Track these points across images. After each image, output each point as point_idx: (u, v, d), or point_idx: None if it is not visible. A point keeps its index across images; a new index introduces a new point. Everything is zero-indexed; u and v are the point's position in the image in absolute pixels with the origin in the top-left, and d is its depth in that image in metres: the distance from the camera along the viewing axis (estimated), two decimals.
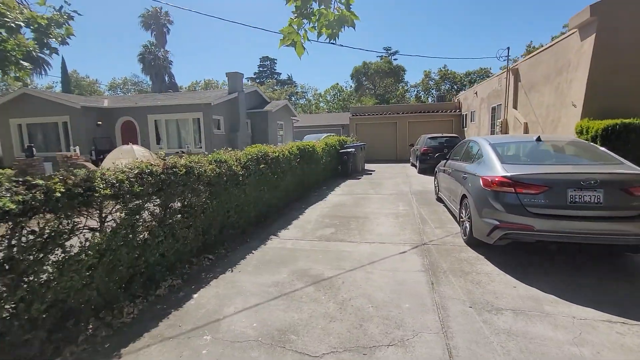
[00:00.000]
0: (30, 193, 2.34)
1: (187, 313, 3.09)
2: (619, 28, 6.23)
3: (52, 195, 2.45)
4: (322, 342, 2.57)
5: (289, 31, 2.71)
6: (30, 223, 2.41)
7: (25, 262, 2.29)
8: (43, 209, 2.42)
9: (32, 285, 2.33)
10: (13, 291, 2.20)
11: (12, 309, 2.23)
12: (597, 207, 3.42)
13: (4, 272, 2.16)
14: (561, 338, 2.53)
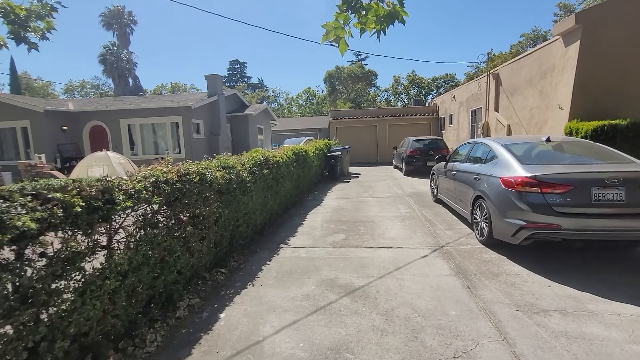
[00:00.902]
0: (47, 209, 1.97)
1: (219, 336, 2.78)
2: (602, 35, 6.66)
3: (71, 211, 2.08)
4: (383, 359, 2.39)
5: (335, 26, 2.54)
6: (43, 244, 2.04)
7: (44, 291, 1.91)
8: (62, 226, 2.05)
9: (52, 318, 1.95)
10: (35, 328, 1.82)
11: (31, 350, 1.84)
12: (620, 205, 3.54)
13: (25, 306, 1.77)
14: (617, 337, 2.53)
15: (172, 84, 56.88)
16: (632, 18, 6.60)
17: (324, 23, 2.56)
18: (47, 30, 4.74)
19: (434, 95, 47.89)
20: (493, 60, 34.11)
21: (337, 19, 2.52)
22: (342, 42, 2.60)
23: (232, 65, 62.13)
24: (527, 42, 36.60)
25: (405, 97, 51.57)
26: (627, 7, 6.72)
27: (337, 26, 2.53)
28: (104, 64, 40.47)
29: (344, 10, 2.47)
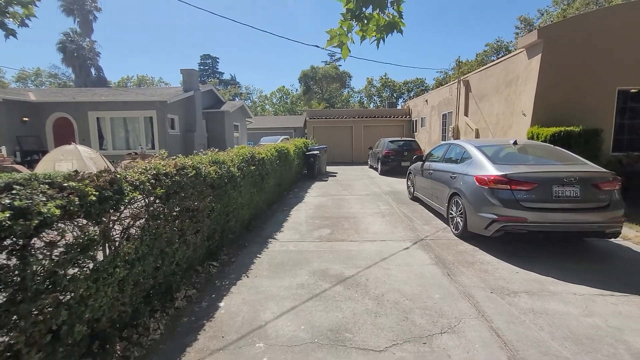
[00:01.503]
0: (65, 197, 2.02)
1: (223, 323, 2.90)
2: (560, 50, 7.39)
3: (86, 199, 2.14)
4: (379, 337, 2.64)
5: (339, 32, 2.75)
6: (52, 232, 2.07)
7: (65, 277, 1.96)
8: (78, 214, 2.10)
9: (71, 303, 2.00)
10: (57, 312, 1.87)
11: (55, 333, 1.89)
12: (575, 200, 4.05)
13: (48, 291, 1.82)
14: (574, 312, 2.96)
15: (138, 76, 54.35)
16: (584, 36, 7.39)
17: (329, 29, 2.77)
18: (27, 17, 4.56)
19: (405, 98, 49.52)
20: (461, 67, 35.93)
21: (342, 26, 2.73)
22: (345, 47, 2.82)
23: (203, 59, 60.51)
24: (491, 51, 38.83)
25: (378, 99, 52.92)
26: (581, 27, 7.51)
27: (341, 33, 2.74)
28: (63, 52, 37.91)
29: (348, 19, 2.69)
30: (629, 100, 7.60)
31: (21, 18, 4.48)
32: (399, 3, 2.67)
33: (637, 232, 5.31)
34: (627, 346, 2.48)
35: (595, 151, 6.69)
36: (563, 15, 29.95)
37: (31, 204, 1.76)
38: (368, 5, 2.57)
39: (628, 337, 2.59)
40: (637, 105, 7.60)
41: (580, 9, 29.16)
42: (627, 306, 3.04)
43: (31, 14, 4.54)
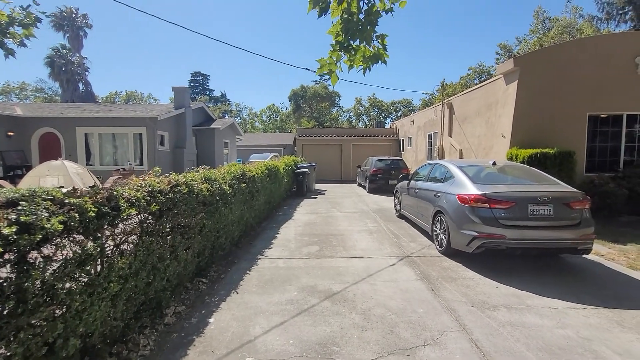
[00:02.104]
0: (66, 213, 2.11)
1: (213, 338, 2.95)
2: (534, 78, 7.93)
3: (85, 215, 2.23)
4: (365, 350, 2.74)
5: (329, 62, 2.99)
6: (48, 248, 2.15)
7: (62, 290, 2.02)
8: (78, 230, 2.18)
9: (67, 317, 2.06)
10: (54, 324, 1.93)
11: (50, 346, 1.93)
12: (550, 219, 4.31)
13: (46, 304, 1.89)
14: (548, 324, 3.14)
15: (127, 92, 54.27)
16: (557, 65, 7.97)
17: (320, 58, 3.01)
18: (26, 37, 4.70)
19: (393, 117, 50.86)
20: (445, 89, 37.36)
21: (331, 56, 2.97)
22: (334, 75, 3.06)
23: (194, 77, 60.95)
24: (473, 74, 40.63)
25: (367, 118, 54.16)
26: (554, 57, 8.10)
27: (330, 62, 2.98)
28: (51, 67, 37.70)
29: (337, 50, 2.93)
30: (598, 125, 8.13)
31: (21, 38, 4.61)
32: (383, 37, 2.94)
33: (609, 249, 5.61)
34: (595, 355, 2.65)
35: (570, 172, 7.09)
36: (540, 44, 31.82)
37: (35, 219, 1.85)
38: (355, 39, 2.82)
39: (596, 346, 2.77)
40: (606, 130, 8.13)
41: (555, 37, 31.08)
42: (597, 318, 3.24)
43: (30, 35, 4.69)
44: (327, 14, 2.65)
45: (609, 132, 8.12)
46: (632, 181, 7.26)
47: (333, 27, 2.77)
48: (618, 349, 2.74)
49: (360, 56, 2.98)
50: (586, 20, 27.73)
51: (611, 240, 6.01)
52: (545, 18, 35.42)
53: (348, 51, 2.93)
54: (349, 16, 2.60)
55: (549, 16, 35.15)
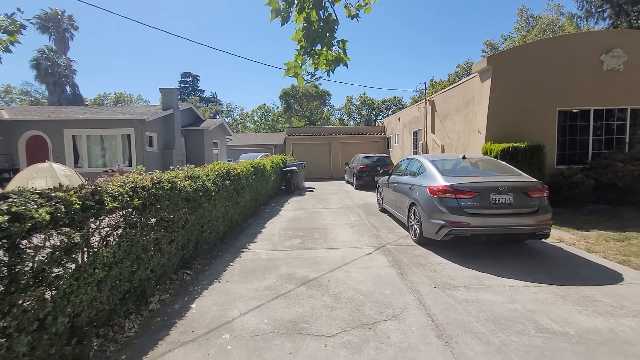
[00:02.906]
0: (53, 205, 2.35)
1: (193, 320, 3.21)
2: (506, 76, 8.30)
3: (71, 208, 2.47)
4: (332, 326, 3.03)
5: (294, 65, 3.26)
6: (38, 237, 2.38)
7: (51, 274, 2.26)
8: (64, 220, 2.42)
9: (55, 298, 2.30)
10: (44, 303, 2.17)
11: (41, 322, 2.18)
12: (510, 207, 4.65)
13: (36, 285, 2.13)
14: (500, 300, 3.47)
15: (116, 93, 53.81)
16: (528, 63, 8.35)
17: (286, 62, 3.28)
18: (11, 43, 4.88)
19: (384, 115, 51.34)
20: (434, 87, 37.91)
21: (297, 60, 3.25)
22: (300, 77, 3.34)
23: (184, 77, 60.57)
24: (461, 72, 41.30)
25: (358, 116, 54.59)
26: (524, 55, 8.50)
27: (296, 65, 3.26)
28: (37, 69, 37.27)
29: (302, 54, 3.21)
30: (568, 120, 8.55)
31: (6, 44, 4.79)
32: (344, 42, 3.23)
33: (572, 235, 5.99)
34: (535, 324, 2.98)
35: (539, 164, 7.47)
36: (523, 41, 32.52)
37: (25, 209, 2.09)
38: (317, 44, 3.10)
39: (538, 317, 3.10)
40: (575, 124, 8.55)
41: (538, 35, 31.83)
42: (544, 294, 3.58)
43: (15, 41, 4.86)
44: (289, 23, 2.92)
45: (577, 126, 8.55)
46: (598, 172, 7.68)
47: (296, 33, 3.04)
48: (557, 319, 3.07)
49: (323, 59, 3.26)
50: (567, 18, 28.44)
51: (576, 227, 6.40)
52: (529, 16, 36.22)
53: (312, 55, 3.20)
54: (309, 24, 2.87)
55: (532, 14, 35.97)
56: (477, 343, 2.70)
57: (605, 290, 3.66)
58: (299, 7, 2.83)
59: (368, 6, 3.38)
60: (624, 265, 4.46)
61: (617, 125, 8.62)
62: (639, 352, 2.57)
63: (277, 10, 2.78)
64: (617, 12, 24.10)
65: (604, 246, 5.23)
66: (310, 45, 3.10)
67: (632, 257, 4.68)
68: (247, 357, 2.60)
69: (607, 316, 3.11)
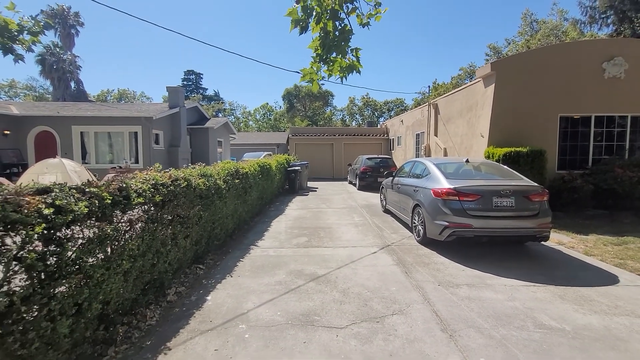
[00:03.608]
0: (88, 199, 2.53)
1: (210, 311, 3.39)
2: (511, 80, 8.47)
3: (103, 202, 2.66)
4: (342, 318, 3.21)
5: (310, 71, 3.45)
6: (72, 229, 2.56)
7: (87, 263, 2.44)
8: (97, 214, 2.60)
9: (90, 285, 2.48)
10: (82, 289, 2.35)
11: (79, 307, 2.36)
12: (511, 209, 4.83)
13: (75, 272, 2.31)
14: (501, 298, 3.64)
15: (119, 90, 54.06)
16: (531, 69, 8.52)
17: (303, 68, 3.47)
18: (33, 42, 5.07)
19: (386, 117, 51.52)
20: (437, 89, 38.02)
21: (312, 67, 3.43)
22: (315, 83, 3.52)
23: (187, 75, 60.76)
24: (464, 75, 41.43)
25: (360, 117, 54.77)
26: (528, 61, 8.66)
27: (311, 71, 3.44)
28: (42, 65, 37.48)
29: (317, 61, 3.39)
30: (569, 126, 8.72)
31: (29, 44, 4.98)
32: (357, 50, 3.41)
33: (571, 238, 6.16)
34: (534, 320, 3.16)
35: (540, 169, 7.64)
36: (527, 46, 32.68)
37: (66, 203, 2.28)
38: (332, 52, 3.28)
39: (537, 314, 3.28)
40: (575, 130, 8.72)
41: (541, 40, 31.97)
42: (543, 293, 3.76)
43: (37, 41, 5.05)
44: (307, 32, 3.10)
45: (578, 132, 8.71)
46: (598, 178, 7.85)
47: (313, 42, 3.22)
48: (554, 316, 3.25)
49: (337, 66, 3.44)
50: (571, 23, 28.59)
51: (575, 231, 6.57)
52: (533, 20, 36.35)
53: (327, 63, 3.38)
54: (325, 34, 3.06)
55: (536, 19, 36.09)
56: (479, 336, 2.88)
57: (601, 291, 3.83)
58: (317, 18, 3.01)
59: (378, 15, 3.56)
60: (620, 268, 4.63)
61: (618, 132, 8.79)
62: (631, 347, 2.75)
63: (296, 20, 2.96)
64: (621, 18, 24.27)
65: (602, 250, 5.40)
66: (326, 53, 3.28)
67: (629, 261, 4.86)
68: (264, 345, 2.78)
69: (602, 315, 3.28)
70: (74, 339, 2.32)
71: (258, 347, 2.75)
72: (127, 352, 2.70)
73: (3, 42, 4.70)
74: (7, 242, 1.91)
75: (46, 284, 2.09)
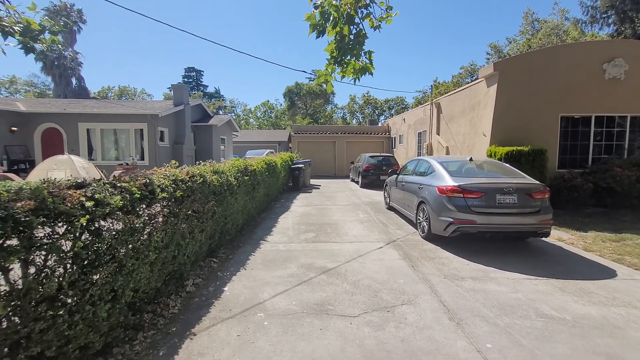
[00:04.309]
0: (120, 193, 2.70)
1: (229, 301, 3.57)
2: (513, 80, 8.63)
3: (133, 196, 2.83)
4: (354, 308, 3.39)
5: (325, 73, 3.61)
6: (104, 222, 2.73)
7: (120, 252, 2.62)
8: (128, 207, 2.77)
9: (123, 273, 2.65)
10: (117, 277, 2.53)
11: (115, 293, 2.53)
12: (514, 206, 5.01)
13: (111, 261, 2.48)
14: (504, 290, 3.83)
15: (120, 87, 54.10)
16: (533, 70, 8.68)
17: (317, 69, 3.63)
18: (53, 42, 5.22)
19: (386, 115, 51.63)
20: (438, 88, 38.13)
21: (327, 68, 3.59)
22: (329, 84, 3.68)
23: (187, 72, 60.72)
24: (465, 73, 41.49)
25: (360, 115, 54.87)
26: (530, 62, 8.82)
27: (326, 73, 3.60)
28: (43, 61, 37.48)
29: (332, 63, 3.55)
30: (570, 125, 8.89)
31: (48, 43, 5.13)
32: (370, 53, 3.57)
33: (571, 235, 6.35)
34: (535, 310, 3.34)
35: (541, 168, 7.81)
36: (528, 45, 32.78)
37: (104, 196, 2.45)
38: (347, 55, 3.44)
39: (538, 305, 3.46)
40: (576, 130, 8.89)
41: (542, 39, 32.08)
42: (544, 286, 3.94)
43: (57, 41, 5.20)
44: (324, 35, 3.26)
45: (579, 132, 8.89)
46: (597, 176, 8.03)
47: (329, 45, 3.38)
48: (555, 307, 3.43)
49: (351, 68, 3.60)
50: (572, 23, 28.65)
51: (574, 228, 6.76)
52: (534, 20, 36.39)
53: (341, 65, 3.55)
54: (341, 38, 3.22)
55: (537, 18, 36.13)
56: (485, 324, 3.06)
57: (599, 284, 4.02)
58: (334, 22, 3.17)
59: (389, 18, 3.71)
60: (618, 263, 4.82)
61: (617, 132, 8.96)
62: (627, 335, 2.93)
63: (314, 25, 3.12)
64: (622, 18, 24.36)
65: (601, 246, 5.59)
66: (341, 56, 3.45)
67: (626, 256, 5.04)
68: (283, 331, 2.96)
69: (600, 305, 3.47)
70: (110, 322, 2.49)
71: (277, 333, 2.93)
72: (154, 337, 2.88)
73: (25, 41, 4.85)
74: (56, 231, 2.08)
75: (87, 270, 2.26)
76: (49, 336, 2.05)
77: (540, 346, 2.73)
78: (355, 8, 3.20)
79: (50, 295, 2.07)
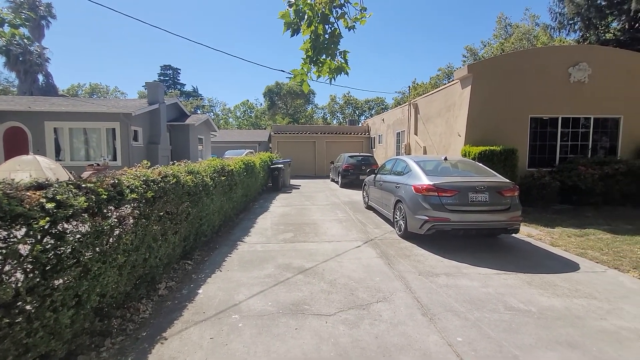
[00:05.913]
0: (85, 194, 2.59)
1: (203, 304, 3.49)
2: (486, 82, 8.94)
3: (99, 197, 2.72)
4: (330, 307, 3.41)
5: (300, 72, 3.60)
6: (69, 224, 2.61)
7: (85, 256, 2.51)
8: (94, 209, 2.66)
9: (88, 278, 2.54)
10: (81, 282, 2.42)
11: (79, 299, 2.42)
12: (485, 204, 5.18)
13: (75, 265, 2.37)
14: (475, 285, 3.95)
15: (91, 84, 51.94)
16: (504, 73, 9.02)
17: (293, 69, 3.62)
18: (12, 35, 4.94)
19: (367, 115, 52.19)
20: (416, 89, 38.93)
21: (303, 68, 3.59)
22: (305, 83, 3.68)
23: (163, 70, 59.03)
24: (443, 75, 42.58)
25: (341, 115, 55.20)
26: (502, 65, 9.17)
27: (302, 72, 3.60)
28: (6, 56, 35.25)
29: (307, 63, 3.55)
30: (539, 126, 9.30)
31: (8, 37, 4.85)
32: (345, 53, 3.59)
33: (539, 231, 6.64)
34: (504, 304, 3.47)
35: (512, 167, 8.13)
36: (501, 48, 34.05)
37: (67, 198, 2.34)
38: (322, 54, 3.45)
39: (507, 299, 3.60)
40: (544, 131, 9.32)
41: (515, 43, 33.38)
42: (513, 280, 4.10)
43: (19, 34, 4.93)
44: (298, 34, 3.25)
45: (547, 132, 9.32)
46: (564, 175, 8.45)
47: (304, 44, 3.38)
48: (522, 300, 3.58)
49: (326, 68, 3.61)
50: (542, 28, 30.01)
51: (543, 224, 7.08)
52: (507, 24, 37.84)
53: (316, 64, 3.55)
54: (316, 37, 3.22)
55: (510, 22, 37.60)
56: (456, 319, 3.15)
57: (563, 277, 4.22)
58: (308, 21, 3.16)
59: (363, 19, 3.76)
60: (581, 257, 5.08)
61: (582, 133, 9.45)
62: (587, 324, 3.10)
63: (288, 23, 3.11)
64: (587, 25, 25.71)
65: (566, 241, 5.88)
66: (316, 55, 3.45)
67: (589, 250, 5.33)
68: (258, 332, 2.93)
69: (563, 297, 3.65)
70: (74, 329, 2.38)
71: (252, 334, 2.90)
72: (123, 342, 2.78)
73: None
74: (13, 235, 1.96)
75: (49, 275, 2.15)
76: (5, 345, 1.94)
77: (507, 338, 2.84)
78: (329, 7, 3.21)
79: (6, 302, 1.95)
